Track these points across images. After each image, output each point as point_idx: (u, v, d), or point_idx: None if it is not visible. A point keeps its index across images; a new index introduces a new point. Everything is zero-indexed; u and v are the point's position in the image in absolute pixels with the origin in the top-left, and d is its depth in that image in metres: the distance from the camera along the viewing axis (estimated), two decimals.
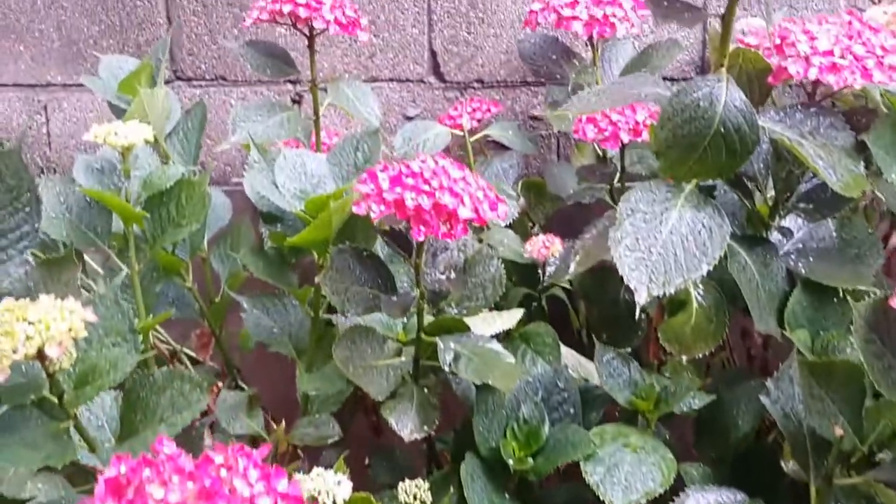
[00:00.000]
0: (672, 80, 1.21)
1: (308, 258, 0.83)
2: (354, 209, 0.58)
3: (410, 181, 0.57)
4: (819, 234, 0.79)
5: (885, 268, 1.03)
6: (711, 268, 0.64)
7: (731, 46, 0.66)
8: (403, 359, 0.70)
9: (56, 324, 0.48)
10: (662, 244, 0.64)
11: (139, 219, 0.71)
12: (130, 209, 0.69)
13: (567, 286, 0.96)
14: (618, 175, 0.96)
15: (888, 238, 0.95)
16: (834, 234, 0.80)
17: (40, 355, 0.48)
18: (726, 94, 0.62)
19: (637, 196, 0.66)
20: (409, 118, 1.24)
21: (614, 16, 0.92)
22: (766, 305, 0.73)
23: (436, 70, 1.22)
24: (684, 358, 0.75)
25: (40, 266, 0.62)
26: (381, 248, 0.71)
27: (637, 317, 0.64)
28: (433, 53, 1.21)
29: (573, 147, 1.12)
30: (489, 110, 1.13)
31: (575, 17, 0.91)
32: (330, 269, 0.62)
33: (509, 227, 0.97)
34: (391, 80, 1.22)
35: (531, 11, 0.95)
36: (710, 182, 0.70)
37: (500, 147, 1.13)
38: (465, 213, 0.57)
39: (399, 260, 0.67)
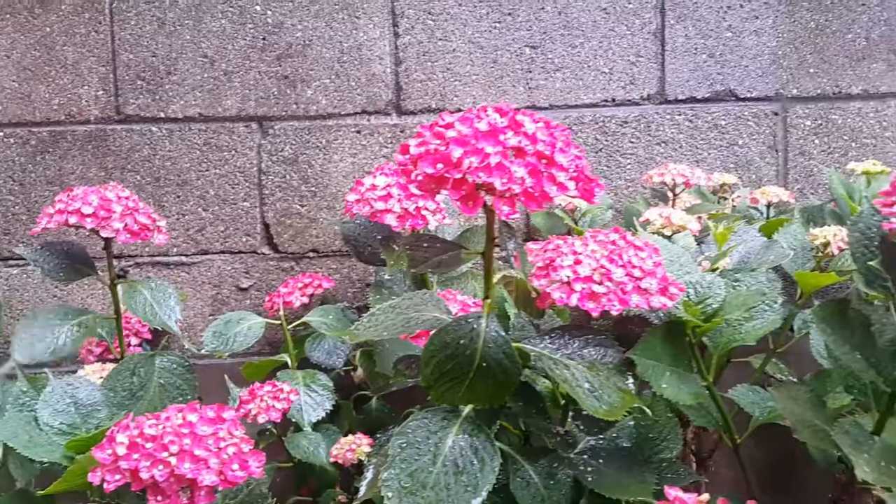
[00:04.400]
0: None
1: None
2: (90, 478, 0.55)
3: (149, 446, 0.54)
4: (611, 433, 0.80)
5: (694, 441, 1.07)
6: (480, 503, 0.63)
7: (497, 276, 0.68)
8: None
9: None
10: (435, 479, 0.64)
11: None
12: None
13: None
14: None
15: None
16: (631, 422, 0.82)
17: None
18: (485, 331, 0.64)
19: (413, 426, 0.66)
20: (243, 289, 1.22)
21: (426, 209, 0.94)
22: None
23: (270, 241, 1.21)
24: None
25: None
26: None
27: None
28: (266, 225, 1.21)
29: None
30: (321, 286, 1.13)
31: (388, 211, 0.92)
32: None
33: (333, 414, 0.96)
34: (223, 252, 1.20)
35: (347, 202, 0.96)
36: None
37: None
38: (208, 478, 0.54)
39: None
